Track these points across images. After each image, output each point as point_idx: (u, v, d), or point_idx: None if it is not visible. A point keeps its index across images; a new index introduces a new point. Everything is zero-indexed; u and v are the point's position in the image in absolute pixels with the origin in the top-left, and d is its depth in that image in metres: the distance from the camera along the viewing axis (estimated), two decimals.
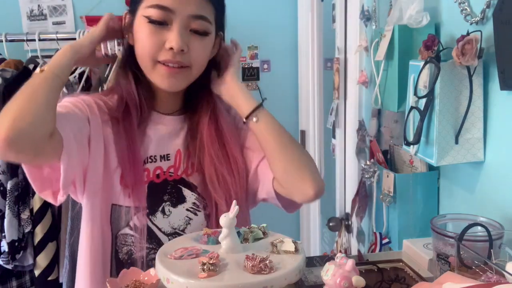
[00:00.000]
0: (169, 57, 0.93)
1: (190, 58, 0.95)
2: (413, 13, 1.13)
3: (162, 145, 1.03)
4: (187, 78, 0.99)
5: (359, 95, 1.79)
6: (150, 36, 0.94)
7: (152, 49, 0.94)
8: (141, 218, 0.98)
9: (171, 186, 1.02)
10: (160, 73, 0.96)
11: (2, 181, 1.82)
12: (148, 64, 0.96)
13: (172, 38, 0.92)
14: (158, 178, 1.02)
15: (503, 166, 0.95)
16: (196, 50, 0.96)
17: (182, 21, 0.93)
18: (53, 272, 1.89)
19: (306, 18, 2.76)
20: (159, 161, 1.03)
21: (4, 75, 1.89)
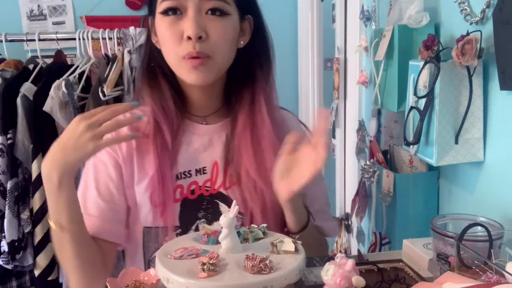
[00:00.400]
0: (190, 48, 0.89)
1: (211, 45, 0.90)
2: (413, 13, 1.13)
3: (197, 158, 0.99)
4: (213, 68, 0.93)
5: (359, 95, 1.79)
6: (169, 29, 0.90)
7: (172, 44, 0.91)
8: (173, 238, 0.92)
9: (207, 201, 0.97)
10: (185, 69, 0.92)
11: (2, 181, 1.82)
12: (174, 61, 0.93)
13: (188, 27, 0.88)
14: (193, 194, 0.97)
15: (503, 166, 0.95)
16: (215, 33, 0.90)
17: (195, 5, 0.89)
18: (53, 272, 1.89)
19: (306, 18, 2.76)
20: (194, 176, 0.98)
21: (4, 75, 1.90)
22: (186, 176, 0.98)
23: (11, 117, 1.83)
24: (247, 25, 0.99)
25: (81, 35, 1.97)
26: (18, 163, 1.85)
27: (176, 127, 0.98)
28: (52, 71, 1.91)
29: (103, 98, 1.79)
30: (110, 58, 1.93)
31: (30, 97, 1.83)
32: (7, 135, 1.82)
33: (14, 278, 1.94)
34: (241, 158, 0.97)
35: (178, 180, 0.97)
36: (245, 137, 0.97)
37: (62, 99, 1.80)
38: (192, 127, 1.00)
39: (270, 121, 0.99)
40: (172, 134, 0.97)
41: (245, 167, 0.97)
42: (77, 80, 1.88)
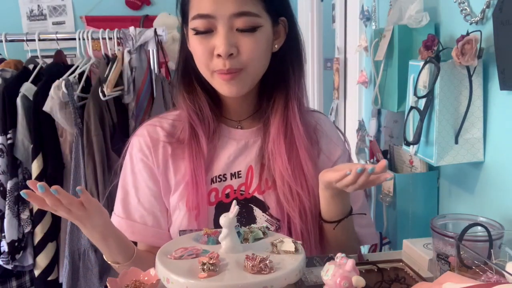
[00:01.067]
0: (220, 65, 0.90)
1: (242, 59, 0.91)
2: (413, 13, 1.13)
3: (232, 162, 1.00)
4: (245, 81, 0.94)
5: (359, 95, 1.79)
6: (199, 47, 0.91)
7: (204, 60, 0.92)
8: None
9: (242, 205, 0.98)
10: (218, 82, 0.93)
11: (2, 181, 1.82)
12: (207, 75, 0.94)
13: (219, 44, 0.89)
14: (228, 198, 0.99)
15: (503, 166, 0.95)
16: (247, 49, 0.90)
17: (225, 24, 0.89)
18: (53, 272, 1.89)
19: (306, 18, 2.76)
20: (229, 180, 0.99)
21: (4, 75, 1.90)
22: (221, 180, 0.99)
23: (11, 117, 1.83)
24: (281, 27, 0.99)
25: (81, 35, 1.97)
26: (18, 163, 1.85)
27: (212, 132, 1.00)
28: (52, 71, 1.91)
29: (103, 98, 1.80)
30: (110, 58, 1.93)
31: (30, 97, 1.83)
32: (7, 135, 1.82)
33: (14, 278, 1.94)
34: (276, 162, 0.98)
35: (213, 184, 0.99)
36: (279, 142, 0.98)
37: (62, 99, 1.80)
38: (228, 132, 1.02)
39: (302, 125, 1.00)
40: (208, 139, 0.99)
41: (280, 171, 0.97)
42: (77, 80, 1.88)
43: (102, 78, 1.85)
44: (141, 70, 1.96)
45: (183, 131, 1.00)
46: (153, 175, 1.00)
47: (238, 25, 0.89)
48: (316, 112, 1.11)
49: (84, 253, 1.81)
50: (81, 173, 1.82)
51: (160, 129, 1.02)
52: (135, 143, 1.03)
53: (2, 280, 1.91)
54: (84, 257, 1.81)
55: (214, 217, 0.97)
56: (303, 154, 0.98)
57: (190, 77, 1.01)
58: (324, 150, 1.05)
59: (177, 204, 0.99)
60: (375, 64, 1.36)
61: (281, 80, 1.00)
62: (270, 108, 1.01)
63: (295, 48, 1.01)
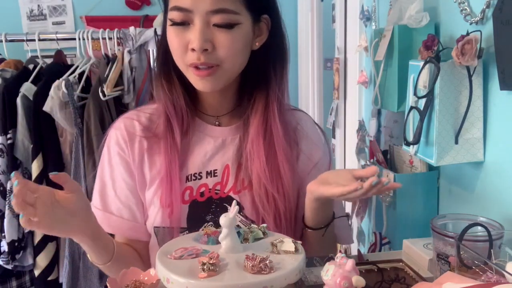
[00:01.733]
0: (195, 59, 0.89)
1: (217, 55, 0.90)
2: (413, 13, 1.13)
3: (209, 160, 0.98)
4: (221, 77, 0.92)
5: (359, 95, 1.79)
6: (175, 39, 0.91)
7: (178, 53, 0.91)
8: None
9: (216, 205, 0.97)
10: (192, 77, 0.92)
11: (2, 181, 1.82)
12: (182, 67, 0.93)
13: (193, 39, 0.88)
14: (202, 197, 0.97)
15: (503, 166, 0.95)
16: (223, 45, 0.89)
17: (202, 19, 0.88)
18: (53, 272, 1.89)
19: (306, 18, 2.76)
20: (205, 178, 0.98)
21: (4, 75, 1.90)
22: (197, 178, 0.98)
23: (11, 117, 1.83)
24: (264, 25, 0.97)
25: (81, 35, 1.97)
26: (18, 163, 1.85)
27: (186, 126, 0.98)
28: (52, 71, 1.91)
29: (103, 98, 1.80)
30: (110, 58, 1.93)
31: (30, 97, 1.83)
32: (7, 135, 1.82)
33: (14, 278, 1.94)
34: (254, 164, 0.97)
35: (188, 182, 0.97)
36: (258, 143, 0.97)
37: (62, 99, 1.80)
38: (204, 128, 1.00)
39: (282, 127, 0.98)
40: (182, 133, 0.97)
41: (257, 173, 0.96)
42: (77, 80, 1.88)
43: (102, 78, 1.85)
44: (141, 70, 1.96)
45: (159, 125, 0.99)
46: (129, 169, 0.99)
47: (215, 21, 0.88)
48: (297, 111, 1.10)
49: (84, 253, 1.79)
50: (81, 173, 1.82)
51: (137, 123, 1.01)
52: (112, 136, 1.01)
53: (2, 280, 1.91)
54: (84, 257, 1.81)
55: (188, 216, 0.96)
56: (281, 157, 0.97)
57: (169, 68, 0.99)
58: (305, 151, 1.04)
59: (152, 200, 0.98)
60: (375, 64, 1.36)
61: (262, 78, 0.99)
62: (251, 108, 0.99)
63: (278, 47, 0.99)
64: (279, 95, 0.99)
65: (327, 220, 0.96)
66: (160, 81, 1.00)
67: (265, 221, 0.95)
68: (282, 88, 1.00)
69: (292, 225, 1.00)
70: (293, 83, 3.02)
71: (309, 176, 1.01)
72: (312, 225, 0.96)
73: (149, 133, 0.99)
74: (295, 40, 2.97)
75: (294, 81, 3.02)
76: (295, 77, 3.02)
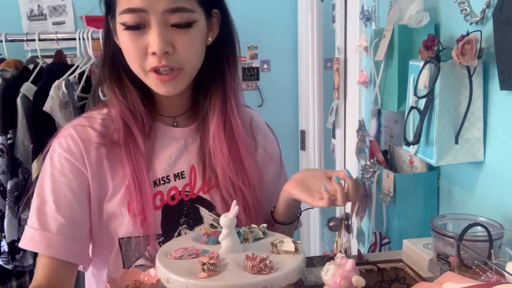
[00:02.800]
0: (156, 63, 0.85)
1: (179, 58, 0.87)
2: (413, 13, 1.13)
3: (175, 162, 0.96)
4: (183, 80, 0.90)
5: (359, 95, 1.79)
6: (131, 44, 0.86)
7: (136, 58, 0.86)
8: (155, 246, 0.91)
9: (188, 206, 0.95)
10: (153, 82, 0.89)
11: (2, 181, 1.82)
12: (140, 73, 0.89)
13: (153, 42, 0.84)
14: (173, 200, 0.95)
15: (503, 166, 0.95)
16: (183, 47, 0.86)
17: (159, 19, 0.83)
18: None
19: (306, 18, 2.76)
20: (173, 181, 0.95)
21: (4, 75, 1.90)
22: (165, 182, 0.95)
23: (11, 117, 1.83)
24: (215, 20, 0.95)
25: (81, 35, 1.97)
26: (18, 163, 1.85)
27: (148, 130, 0.94)
28: (52, 71, 1.91)
29: (103, 98, 1.79)
30: None
31: (30, 97, 1.83)
32: (7, 135, 1.82)
33: (14, 278, 1.94)
34: (217, 158, 0.95)
35: (157, 187, 0.94)
36: (220, 138, 0.96)
37: (62, 99, 1.80)
38: (164, 130, 0.97)
39: (240, 120, 0.98)
40: (144, 137, 0.93)
41: (222, 167, 0.95)
42: (77, 80, 1.88)
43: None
44: None
45: (116, 131, 0.93)
46: (80, 178, 0.91)
47: (173, 21, 0.84)
48: (248, 108, 1.09)
49: None
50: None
51: (91, 129, 0.93)
52: (61, 144, 0.92)
53: (2, 280, 1.91)
54: None
55: (162, 222, 0.93)
56: (243, 149, 0.97)
57: (119, 72, 0.94)
58: (261, 144, 1.06)
59: (118, 211, 0.91)
60: (375, 64, 1.36)
61: (217, 73, 0.97)
62: (208, 104, 0.97)
63: (228, 40, 0.98)
64: (235, 88, 0.98)
65: (296, 213, 1.00)
66: (111, 87, 0.95)
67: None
68: (237, 82, 0.99)
69: (261, 215, 1.01)
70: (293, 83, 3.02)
71: (267, 169, 1.05)
72: (284, 220, 0.99)
73: (105, 139, 0.93)
74: (295, 40, 2.97)
75: (294, 81, 3.02)
76: (295, 77, 3.02)
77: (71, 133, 0.93)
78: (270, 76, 3.05)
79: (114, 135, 0.93)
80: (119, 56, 0.92)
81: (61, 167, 0.91)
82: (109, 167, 0.92)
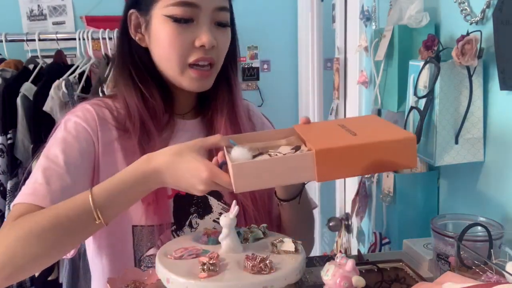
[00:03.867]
0: (201, 54, 0.89)
1: (218, 53, 0.92)
2: (413, 13, 1.14)
3: None
4: (213, 76, 0.95)
5: (359, 95, 1.79)
6: (177, 37, 0.88)
7: (180, 51, 0.89)
8: (168, 235, 0.93)
9: (197, 196, 0.95)
10: (190, 77, 0.91)
11: (2, 181, 1.82)
12: (177, 68, 0.91)
13: (203, 36, 0.88)
14: None
15: (503, 166, 0.95)
16: (222, 44, 0.92)
17: (208, 15, 0.89)
18: (53, 272, 1.89)
19: (306, 18, 2.76)
20: None
21: (4, 75, 1.90)
22: None
23: (11, 117, 1.83)
24: None
25: (81, 35, 1.97)
26: (18, 163, 1.85)
27: (163, 125, 0.97)
28: (52, 71, 1.91)
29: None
30: (110, 58, 1.93)
31: (30, 97, 1.83)
32: (7, 135, 1.82)
33: None
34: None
35: None
36: (227, 130, 0.98)
37: (62, 99, 1.80)
38: (178, 123, 1.00)
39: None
40: (159, 132, 0.95)
41: None
42: (77, 80, 1.88)
43: (102, 78, 1.85)
44: None
45: (129, 121, 0.94)
46: (91, 149, 0.91)
47: (219, 18, 0.90)
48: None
49: (84, 253, 1.80)
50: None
51: (106, 111, 0.95)
52: (76, 115, 0.93)
53: None
54: (84, 257, 1.81)
55: (174, 211, 0.95)
56: None
57: (139, 67, 0.96)
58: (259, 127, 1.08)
59: None
60: (375, 64, 1.36)
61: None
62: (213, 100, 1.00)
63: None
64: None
65: (298, 188, 0.97)
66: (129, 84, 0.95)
67: (244, 206, 0.96)
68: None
69: (267, 205, 1.00)
70: (293, 83, 3.02)
71: None
72: (286, 197, 0.97)
73: (119, 124, 0.94)
74: (295, 40, 2.97)
75: (294, 81, 3.02)
76: (295, 77, 3.02)
77: (88, 108, 0.94)
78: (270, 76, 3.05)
79: (127, 124, 0.94)
80: (140, 54, 0.95)
81: (76, 133, 0.91)
82: (121, 150, 0.93)
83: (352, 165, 0.70)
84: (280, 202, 0.98)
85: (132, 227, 0.93)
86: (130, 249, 0.93)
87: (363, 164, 0.70)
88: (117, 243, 0.94)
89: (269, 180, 0.71)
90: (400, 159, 0.70)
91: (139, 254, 0.93)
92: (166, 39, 0.90)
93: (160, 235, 0.92)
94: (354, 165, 0.70)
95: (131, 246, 0.93)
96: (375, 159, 0.70)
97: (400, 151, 0.70)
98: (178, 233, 0.95)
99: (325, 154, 0.69)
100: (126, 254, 0.93)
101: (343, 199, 2.11)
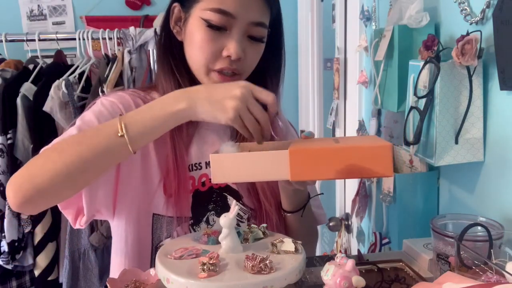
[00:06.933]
0: (226, 64, 0.90)
1: (244, 65, 0.92)
2: (413, 13, 1.13)
3: (207, 150, 0.98)
4: None
5: (359, 95, 1.79)
6: (208, 42, 0.89)
7: (208, 57, 0.90)
8: (185, 228, 0.95)
9: (217, 194, 0.99)
10: (212, 80, 0.92)
11: (2, 181, 1.82)
12: (202, 71, 0.92)
13: (231, 46, 0.88)
14: (204, 186, 0.98)
15: (503, 166, 0.95)
16: (251, 57, 0.93)
17: (242, 28, 0.89)
18: (53, 272, 1.89)
19: (306, 18, 2.76)
20: (205, 168, 0.98)
21: (4, 75, 1.90)
22: (197, 168, 0.98)
23: (11, 117, 1.83)
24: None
25: (81, 35, 1.97)
26: (18, 163, 1.85)
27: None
28: (52, 71, 1.91)
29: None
30: (110, 58, 1.93)
31: (30, 97, 1.84)
32: (7, 135, 1.82)
33: (14, 278, 1.94)
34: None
35: (190, 172, 0.98)
36: None
37: (62, 99, 1.80)
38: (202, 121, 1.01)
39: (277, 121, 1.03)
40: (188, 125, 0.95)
41: None
42: (77, 80, 1.88)
43: (102, 78, 1.85)
44: (141, 70, 1.96)
45: None
46: None
47: (253, 33, 0.91)
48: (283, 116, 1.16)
49: (84, 253, 1.81)
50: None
51: (140, 100, 0.97)
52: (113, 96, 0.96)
53: (2, 280, 1.91)
54: (84, 257, 1.81)
55: (192, 206, 0.97)
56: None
57: (176, 60, 0.98)
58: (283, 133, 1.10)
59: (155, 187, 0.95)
60: (375, 64, 1.36)
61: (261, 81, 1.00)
62: None
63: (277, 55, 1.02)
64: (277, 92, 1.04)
65: (303, 201, 0.99)
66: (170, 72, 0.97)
67: (266, 209, 0.98)
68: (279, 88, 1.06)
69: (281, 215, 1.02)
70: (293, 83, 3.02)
71: None
72: (290, 209, 0.99)
73: None
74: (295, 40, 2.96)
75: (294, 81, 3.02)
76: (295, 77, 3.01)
77: (123, 94, 0.96)
78: None
79: None
80: (176, 46, 0.96)
81: (112, 110, 0.92)
82: (154, 143, 0.95)
83: (326, 168, 0.73)
84: (284, 213, 0.99)
85: (153, 214, 0.95)
86: (148, 236, 0.96)
87: (337, 167, 0.72)
88: (140, 229, 0.97)
89: (245, 174, 0.76)
90: (375, 166, 0.72)
91: (156, 241, 0.96)
92: (197, 41, 0.91)
93: (176, 227, 0.94)
94: (328, 167, 0.73)
95: (149, 233, 0.96)
96: (349, 163, 0.72)
97: (374, 158, 0.72)
98: (195, 228, 0.97)
99: (299, 154, 0.73)
100: (145, 240, 0.96)
101: (343, 199, 2.10)
